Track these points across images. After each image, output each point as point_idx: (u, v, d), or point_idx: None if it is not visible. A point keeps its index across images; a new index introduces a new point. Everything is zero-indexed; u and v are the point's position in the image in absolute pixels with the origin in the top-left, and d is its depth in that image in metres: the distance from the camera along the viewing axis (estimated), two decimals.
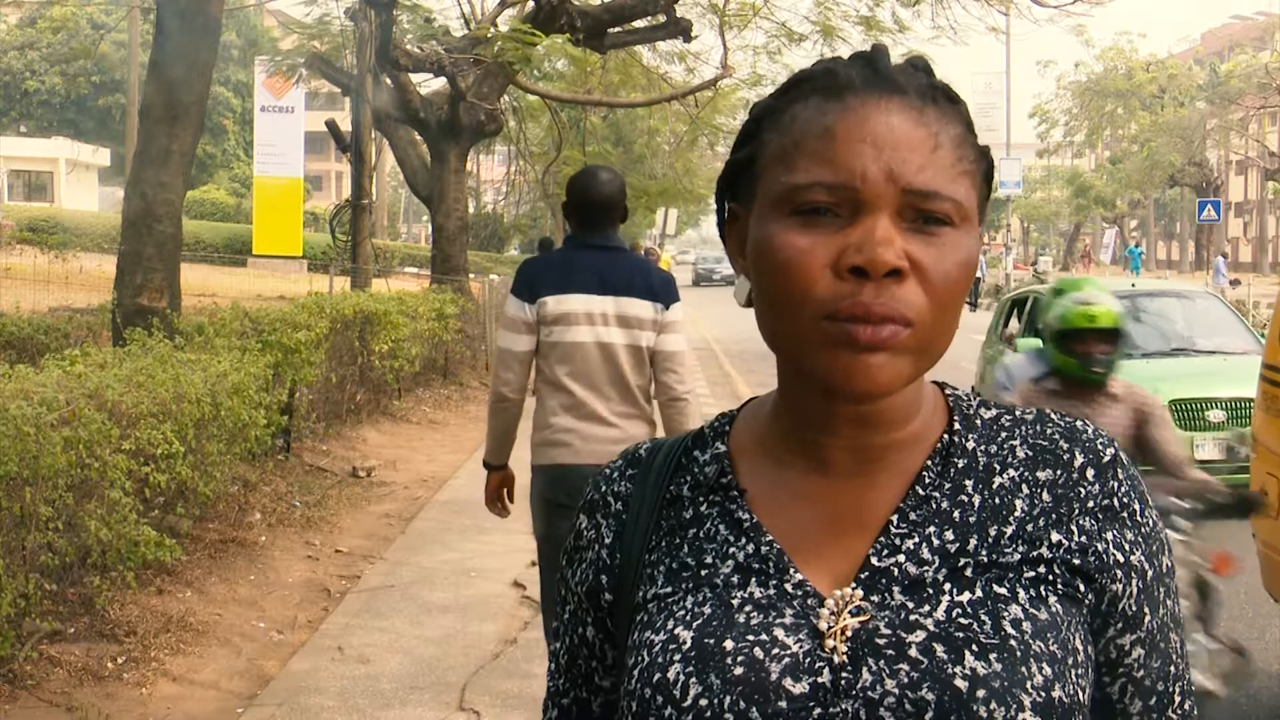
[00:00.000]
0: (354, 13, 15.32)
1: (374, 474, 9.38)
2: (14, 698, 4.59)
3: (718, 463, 1.07)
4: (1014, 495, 1.01)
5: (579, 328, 3.98)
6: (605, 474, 1.13)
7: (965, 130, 1.01)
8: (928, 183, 0.94)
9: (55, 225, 30.19)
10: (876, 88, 0.97)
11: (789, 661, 0.95)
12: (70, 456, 4.69)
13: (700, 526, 1.05)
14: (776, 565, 1.00)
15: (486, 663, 5.42)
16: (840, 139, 0.95)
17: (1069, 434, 1.04)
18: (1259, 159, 47.72)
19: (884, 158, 0.94)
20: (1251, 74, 40.89)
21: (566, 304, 3.98)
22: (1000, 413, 1.07)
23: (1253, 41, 52.33)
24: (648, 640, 1.00)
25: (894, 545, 0.99)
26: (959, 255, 0.96)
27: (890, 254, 0.93)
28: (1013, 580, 0.97)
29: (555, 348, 4.00)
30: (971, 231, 0.98)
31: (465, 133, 16.85)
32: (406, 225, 70.89)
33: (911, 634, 0.94)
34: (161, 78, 8.70)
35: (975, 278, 1.10)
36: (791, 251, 0.95)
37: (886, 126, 0.95)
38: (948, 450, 1.03)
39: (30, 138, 45.98)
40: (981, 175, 1.02)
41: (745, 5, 17.09)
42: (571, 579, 1.12)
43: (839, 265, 0.93)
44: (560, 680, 1.14)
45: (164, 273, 8.60)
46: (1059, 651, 0.95)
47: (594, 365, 3.99)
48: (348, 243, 16.98)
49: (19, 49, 45.52)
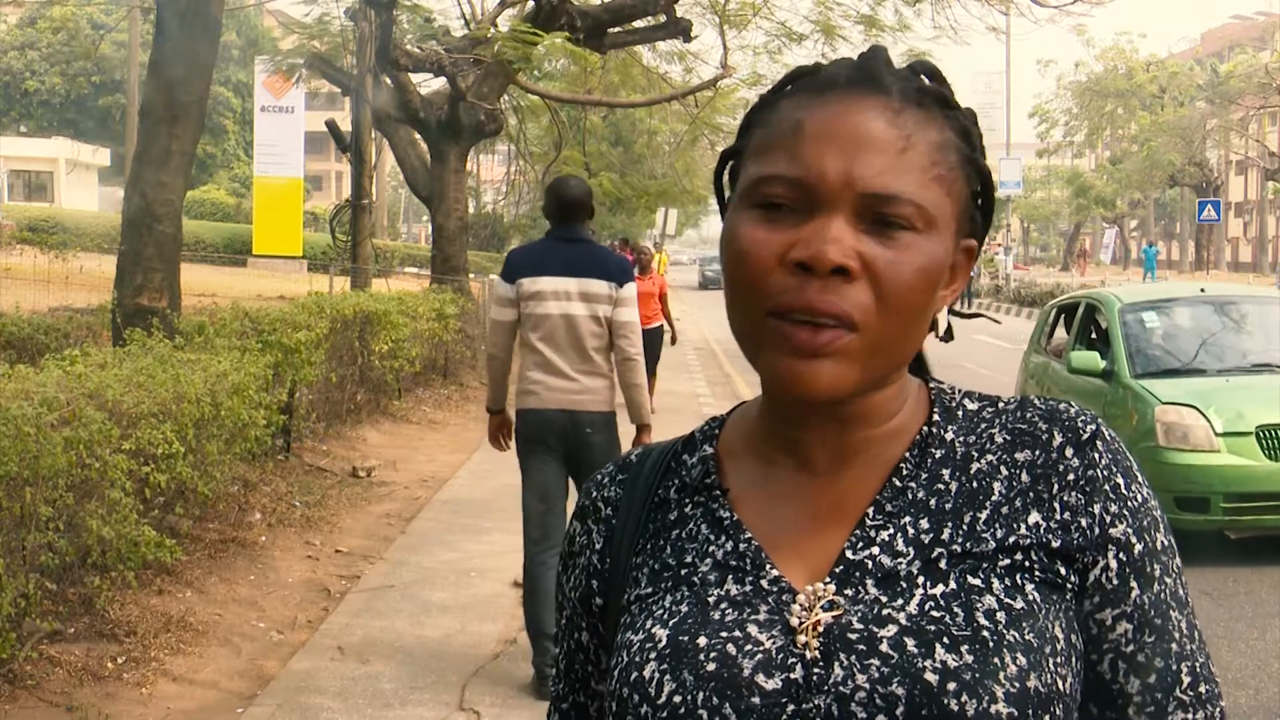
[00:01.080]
0: (354, 13, 15.32)
1: (374, 474, 9.38)
2: (14, 698, 4.59)
3: (703, 464, 1.08)
4: (991, 479, 1.01)
5: (548, 303, 4.97)
6: (597, 480, 1.13)
7: (955, 137, 1.00)
8: (887, 186, 0.94)
9: (55, 225, 30.22)
10: (859, 86, 0.98)
11: (761, 658, 0.95)
12: (70, 456, 4.69)
13: (684, 527, 1.05)
14: (753, 562, 1.00)
15: (486, 663, 5.42)
16: (807, 135, 0.96)
17: (1049, 415, 1.03)
18: (1259, 159, 47.72)
19: (845, 157, 0.94)
20: (1251, 74, 40.88)
21: (539, 284, 4.98)
22: (983, 405, 1.06)
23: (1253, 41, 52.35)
24: (627, 640, 1.01)
25: (869, 538, 0.99)
26: (917, 260, 0.95)
27: (836, 252, 0.92)
28: (987, 570, 0.96)
29: (529, 318, 5.00)
30: (938, 238, 0.96)
31: (465, 133, 16.84)
32: (406, 225, 70.90)
33: (883, 628, 0.94)
34: (161, 78, 8.70)
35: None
36: (748, 242, 0.96)
37: (855, 125, 0.95)
38: (925, 441, 1.03)
39: (30, 138, 45.99)
40: (967, 185, 1.00)
41: (745, 5, 17.08)
42: (566, 585, 1.13)
43: (786, 259, 0.94)
44: (561, 685, 1.14)
45: (164, 273, 8.60)
46: (1035, 640, 0.94)
47: (559, 332, 4.97)
48: (348, 243, 16.99)
49: (19, 49, 45.55)
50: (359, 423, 11.03)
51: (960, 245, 1.02)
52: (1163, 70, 49.33)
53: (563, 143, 22.20)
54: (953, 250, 1.00)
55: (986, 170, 1.03)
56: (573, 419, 4.96)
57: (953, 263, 1.02)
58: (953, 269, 1.02)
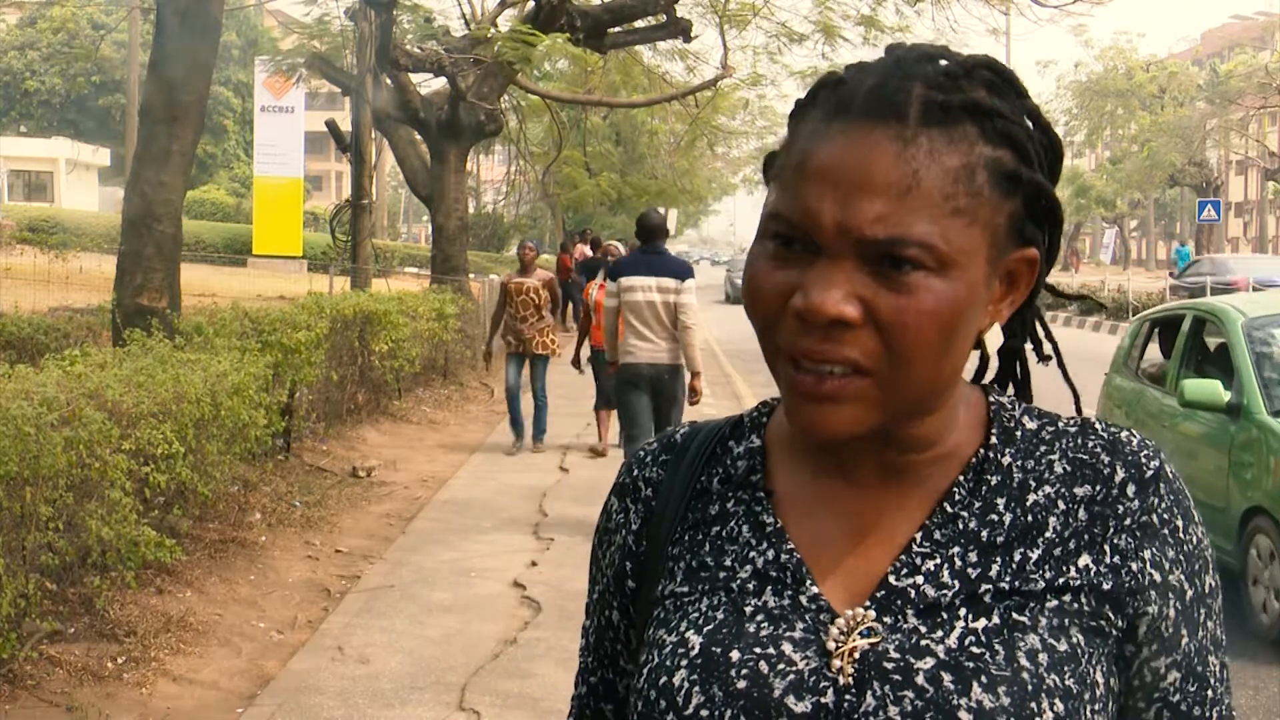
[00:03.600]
0: (354, 13, 15.32)
1: (374, 474, 9.37)
2: (14, 698, 4.59)
3: (750, 458, 1.05)
4: (1048, 513, 0.97)
5: (637, 294, 7.57)
6: (639, 457, 1.11)
7: (989, 151, 0.92)
8: (887, 232, 0.88)
9: (55, 225, 30.22)
10: (870, 113, 0.91)
11: (793, 679, 0.93)
12: (70, 456, 4.69)
13: (724, 525, 1.03)
14: (794, 575, 0.98)
15: (486, 663, 5.42)
16: (809, 176, 0.91)
17: (1111, 446, 0.99)
18: (1259, 159, 47.71)
19: (841, 203, 0.89)
20: (1251, 74, 40.84)
21: (632, 282, 7.61)
22: (1043, 424, 1.02)
23: (1253, 41, 52.31)
24: (659, 639, 1.00)
25: (914, 565, 0.96)
26: (928, 304, 0.89)
27: (831, 304, 0.88)
28: (1035, 609, 0.94)
29: (626, 304, 7.61)
30: (959, 274, 0.90)
31: (465, 133, 16.84)
32: (406, 225, 70.90)
33: (920, 660, 0.92)
34: (161, 78, 8.70)
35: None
36: (760, 280, 0.94)
37: (856, 164, 0.90)
38: (981, 466, 0.99)
39: (30, 138, 45.98)
40: (1005, 202, 0.93)
41: (745, 5, 17.08)
42: (602, 559, 1.12)
43: (790, 304, 0.91)
44: (589, 658, 1.14)
45: (164, 273, 8.60)
46: (1075, 686, 0.92)
47: (645, 313, 7.58)
48: (348, 243, 16.98)
49: (19, 49, 45.54)
50: (359, 423, 11.02)
51: (1011, 257, 0.96)
52: (1162, 70, 49.29)
53: (563, 143, 22.20)
54: (989, 269, 0.94)
55: (1037, 181, 0.95)
56: (655, 369, 7.58)
57: (1008, 271, 0.96)
58: (1009, 278, 0.97)
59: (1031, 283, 0.99)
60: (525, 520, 8.21)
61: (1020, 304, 1.00)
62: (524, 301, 10.82)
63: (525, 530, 7.94)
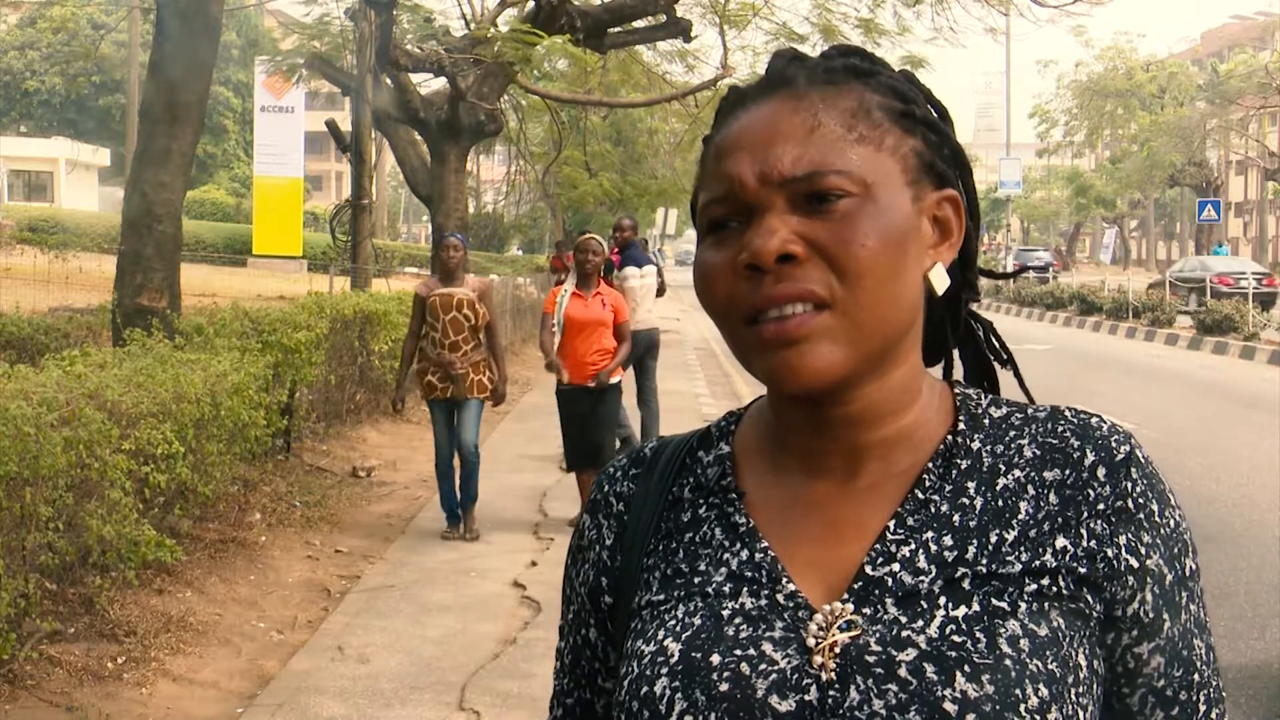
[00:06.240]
0: (354, 13, 15.32)
1: (374, 474, 9.38)
2: (14, 698, 4.59)
3: (720, 464, 1.06)
4: (1019, 497, 0.98)
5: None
6: (609, 473, 1.11)
7: (878, 97, 0.99)
8: (804, 166, 0.94)
9: (55, 225, 30.22)
10: (764, 92, 1.00)
11: (776, 678, 0.93)
12: (70, 456, 4.69)
13: (697, 530, 1.03)
14: (769, 574, 0.98)
15: (486, 663, 5.42)
16: (724, 153, 0.99)
17: (1081, 430, 0.99)
18: (1259, 159, 47.71)
19: (758, 159, 0.96)
20: (1251, 74, 40.84)
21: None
22: (1011, 411, 1.03)
23: (1253, 41, 52.32)
24: (638, 650, 0.99)
25: (889, 553, 0.96)
26: (862, 223, 0.94)
27: (773, 242, 0.93)
28: (1014, 594, 0.94)
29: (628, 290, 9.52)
30: (884, 196, 0.95)
31: (465, 133, 16.83)
32: (406, 225, 70.89)
33: (902, 651, 0.91)
34: (161, 78, 8.70)
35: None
36: (706, 265, 0.99)
37: (759, 126, 0.97)
38: (950, 451, 1.00)
39: (30, 138, 45.97)
40: (907, 137, 0.99)
41: (745, 5, 17.08)
42: (575, 578, 1.11)
43: (737, 267, 0.95)
44: (565, 680, 1.13)
45: (164, 273, 8.60)
46: (1058, 670, 0.91)
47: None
48: (348, 243, 16.98)
49: (19, 49, 45.54)
50: (359, 423, 11.03)
51: (932, 198, 1.00)
52: (1162, 70, 49.30)
53: (563, 143, 22.19)
54: (914, 203, 0.98)
55: (931, 118, 1.02)
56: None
57: (935, 216, 1.00)
58: (939, 223, 1.01)
59: (963, 229, 1.03)
60: (525, 520, 8.22)
61: (959, 249, 1.03)
62: (453, 321, 7.53)
63: (525, 530, 7.94)
